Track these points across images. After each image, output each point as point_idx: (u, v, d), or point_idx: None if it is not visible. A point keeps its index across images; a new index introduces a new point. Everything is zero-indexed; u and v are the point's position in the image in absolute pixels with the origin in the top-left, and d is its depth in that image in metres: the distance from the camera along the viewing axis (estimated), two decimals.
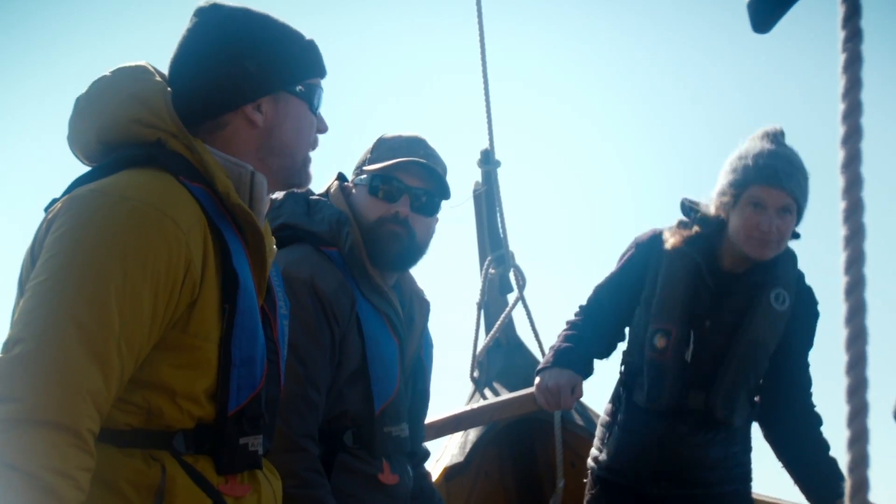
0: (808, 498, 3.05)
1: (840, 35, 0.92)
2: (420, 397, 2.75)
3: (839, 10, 0.91)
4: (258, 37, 1.87)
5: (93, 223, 1.60)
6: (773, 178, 2.87)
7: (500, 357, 4.84)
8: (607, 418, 3.26)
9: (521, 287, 4.76)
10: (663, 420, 3.08)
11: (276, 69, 1.88)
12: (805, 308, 3.10)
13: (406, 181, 2.57)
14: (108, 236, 1.59)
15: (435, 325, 2.83)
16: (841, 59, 0.93)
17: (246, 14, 1.89)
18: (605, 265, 3.27)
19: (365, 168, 2.64)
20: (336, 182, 2.71)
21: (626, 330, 3.25)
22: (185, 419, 1.68)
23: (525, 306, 4.75)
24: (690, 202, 3.11)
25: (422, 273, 2.80)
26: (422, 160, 2.58)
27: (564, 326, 3.28)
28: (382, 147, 2.65)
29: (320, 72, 1.96)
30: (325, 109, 2.00)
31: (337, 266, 2.53)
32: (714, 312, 3.03)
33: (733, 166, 2.96)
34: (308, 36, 1.95)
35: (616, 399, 3.24)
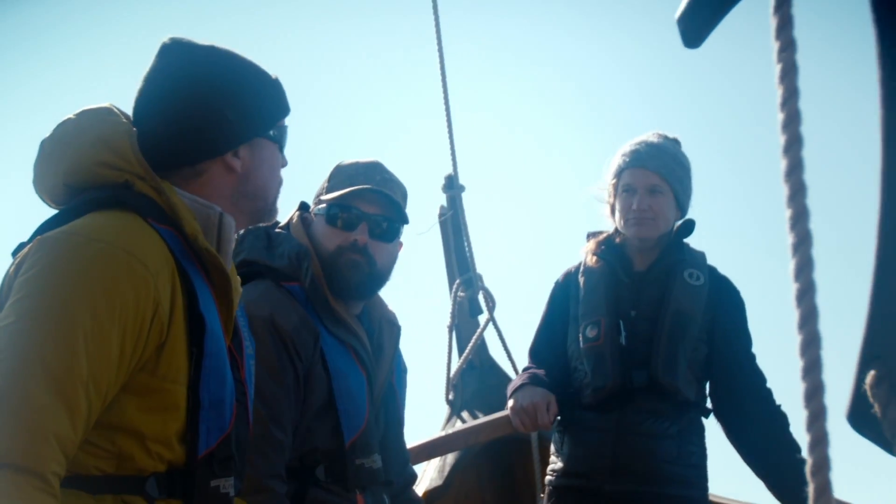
0: (777, 498, 3.04)
1: (774, 46, 0.94)
2: (393, 424, 2.73)
3: (771, 22, 0.93)
4: (234, 82, 1.87)
5: (61, 265, 1.59)
6: (636, 161, 3.11)
7: (475, 378, 4.84)
8: (559, 429, 3.25)
9: (491, 309, 4.77)
10: (614, 412, 3.08)
11: (255, 116, 1.89)
12: (726, 294, 3.20)
13: (363, 209, 2.56)
14: (76, 278, 1.58)
15: (407, 350, 2.82)
16: (776, 69, 0.94)
17: (216, 54, 1.88)
18: None
19: (322, 198, 2.62)
20: (297, 213, 2.69)
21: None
22: (157, 463, 1.67)
23: (496, 327, 4.76)
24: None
25: (391, 298, 2.79)
26: (377, 187, 2.57)
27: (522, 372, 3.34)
28: (340, 175, 2.63)
29: (287, 110, 1.97)
30: (290, 137, 2.02)
31: (298, 301, 2.50)
32: (637, 304, 3.12)
33: (610, 164, 3.19)
34: (272, 73, 1.95)
35: (565, 411, 3.21)
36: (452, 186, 4.80)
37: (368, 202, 2.56)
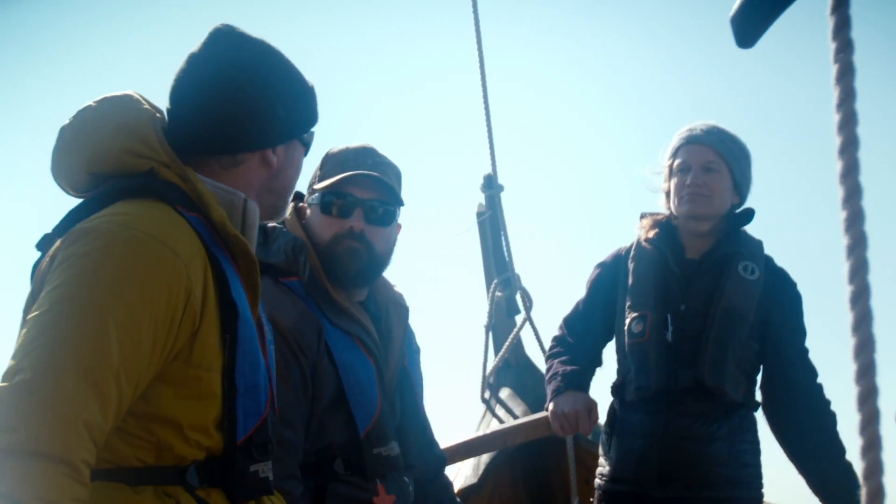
0: (821, 500, 2.98)
1: (831, 47, 0.93)
2: (410, 407, 2.69)
3: (829, 23, 0.92)
4: (287, 81, 1.89)
5: (93, 254, 1.60)
6: (692, 138, 3.06)
7: (510, 378, 4.84)
8: (606, 430, 3.21)
9: (528, 308, 4.77)
10: (660, 416, 3.02)
11: (300, 117, 1.92)
12: (781, 288, 3.10)
13: (357, 194, 2.51)
14: (108, 267, 1.59)
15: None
16: (833, 70, 0.94)
17: (269, 50, 1.89)
18: None
19: (315, 187, 2.58)
20: (291, 204, 2.63)
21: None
22: (196, 451, 1.68)
23: (533, 327, 4.76)
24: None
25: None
26: (370, 172, 2.52)
27: (552, 348, 3.31)
28: (330, 162, 2.58)
29: (317, 119, 2.00)
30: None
31: (298, 296, 2.45)
32: (687, 297, 3.05)
33: (667, 148, 3.14)
34: (309, 81, 1.97)
35: (611, 410, 3.19)
36: (491, 186, 4.81)
37: (362, 187, 2.51)
